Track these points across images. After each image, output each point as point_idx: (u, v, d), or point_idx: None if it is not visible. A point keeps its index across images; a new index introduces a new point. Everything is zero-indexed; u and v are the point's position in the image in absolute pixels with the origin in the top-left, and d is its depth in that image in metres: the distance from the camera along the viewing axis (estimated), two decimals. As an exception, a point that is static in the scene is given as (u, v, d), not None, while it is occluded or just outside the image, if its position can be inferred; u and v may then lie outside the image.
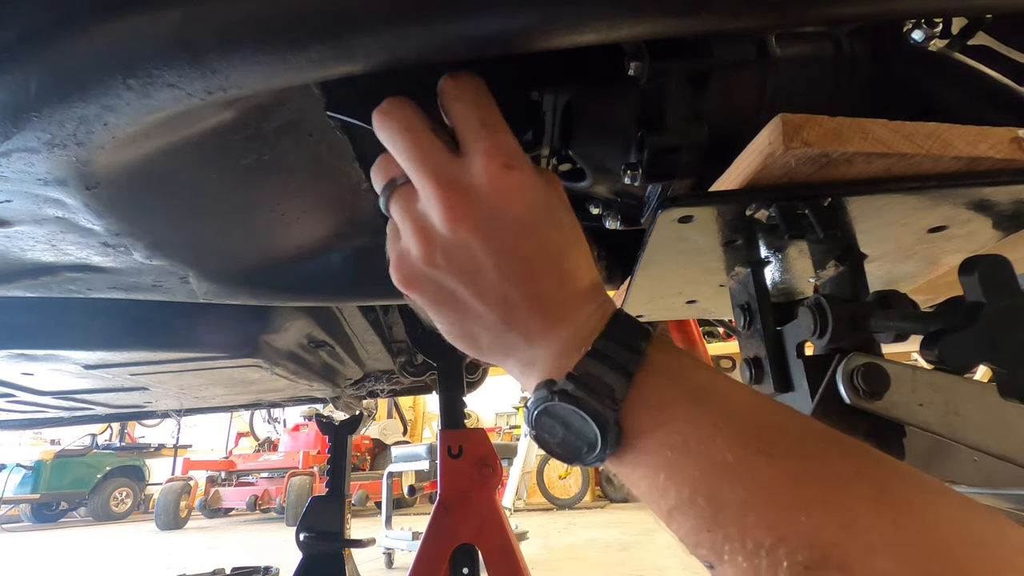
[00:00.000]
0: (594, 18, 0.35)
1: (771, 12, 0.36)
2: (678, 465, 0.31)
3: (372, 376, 1.79)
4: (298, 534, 1.85)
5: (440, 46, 0.36)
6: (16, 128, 0.37)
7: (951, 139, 0.39)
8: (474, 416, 9.25)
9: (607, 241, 0.83)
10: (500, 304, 0.37)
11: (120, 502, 8.51)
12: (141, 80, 0.35)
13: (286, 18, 0.34)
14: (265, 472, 7.70)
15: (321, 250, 0.76)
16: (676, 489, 0.31)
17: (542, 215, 0.38)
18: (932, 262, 0.57)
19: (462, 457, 1.55)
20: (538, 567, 3.46)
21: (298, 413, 7.97)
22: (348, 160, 0.60)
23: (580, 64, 0.53)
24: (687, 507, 0.30)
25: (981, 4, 0.41)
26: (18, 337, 0.90)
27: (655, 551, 3.98)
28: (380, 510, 5.28)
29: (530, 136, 0.57)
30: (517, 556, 1.48)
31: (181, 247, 0.62)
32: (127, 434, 9.32)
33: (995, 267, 0.30)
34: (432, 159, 0.38)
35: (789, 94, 0.53)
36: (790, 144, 0.37)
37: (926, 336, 0.30)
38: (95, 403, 1.52)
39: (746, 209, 0.44)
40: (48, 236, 0.55)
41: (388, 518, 4.72)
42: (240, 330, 1.05)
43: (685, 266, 0.57)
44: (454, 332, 0.40)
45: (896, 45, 0.53)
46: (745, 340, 0.55)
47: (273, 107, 0.49)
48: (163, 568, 4.20)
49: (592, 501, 7.31)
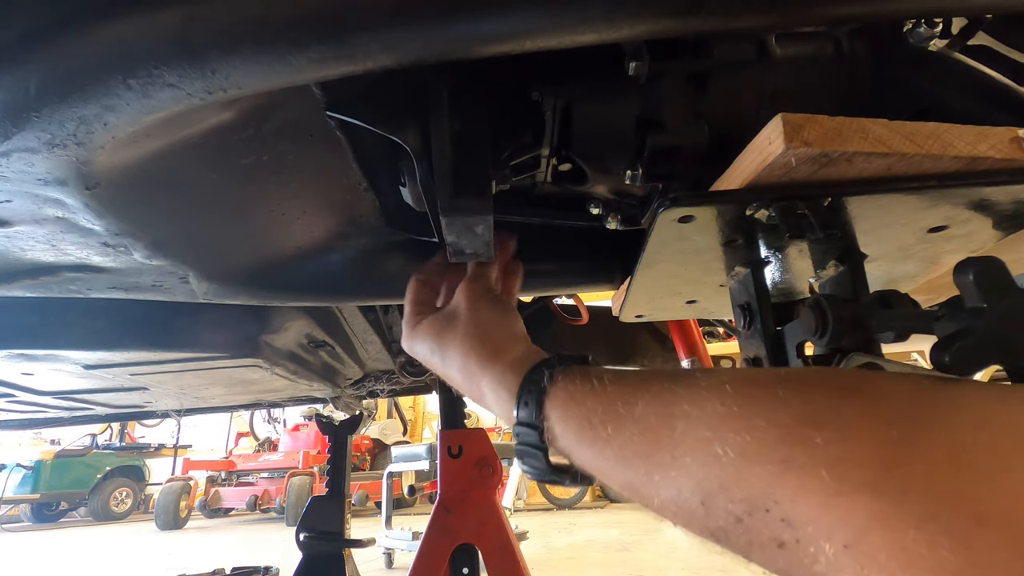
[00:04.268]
0: (594, 18, 0.35)
1: (771, 12, 0.36)
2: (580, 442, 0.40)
3: (372, 376, 1.79)
4: (298, 534, 1.85)
5: (440, 46, 0.36)
6: (16, 128, 0.37)
7: (951, 139, 0.39)
8: (474, 416, 9.24)
9: (607, 241, 0.83)
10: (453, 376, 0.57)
11: (120, 502, 8.50)
12: (141, 80, 0.35)
13: (286, 18, 0.34)
14: (265, 472, 7.69)
15: (321, 250, 0.76)
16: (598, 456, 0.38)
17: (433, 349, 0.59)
18: (932, 262, 0.57)
19: (462, 457, 1.55)
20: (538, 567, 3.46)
21: (298, 413, 7.97)
22: (348, 160, 0.60)
23: (580, 64, 0.53)
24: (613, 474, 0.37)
25: (981, 4, 0.41)
26: (18, 337, 0.90)
27: (655, 551, 3.98)
28: (380, 510, 5.28)
29: (530, 136, 0.57)
30: (517, 556, 1.48)
31: (181, 247, 0.62)
32: (127, 434, 9.31)
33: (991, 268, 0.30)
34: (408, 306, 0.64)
35: (789, 94, 0.53)
36: (790, 144, 0.38)
37: (936, 342, 0.30)
38: (95, 403, 1.52)
39: (746, 209, 0.44)
40: (48, 236, 0.55)
41: (388, 518, 4.72)
42: (240, 330, 1.05)
43: (685, 266, 0.57)
44: None
45: (896, 45, 0.53)
46: (745, 340, 0.55)
47: (273, 107, 0.49)
48: (163, 568, 4.20)
49: (592, 501, 7.31)
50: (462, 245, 0.56)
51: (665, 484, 0.32)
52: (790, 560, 0.26)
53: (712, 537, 0.31)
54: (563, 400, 0.42)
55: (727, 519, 0.29)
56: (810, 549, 0.25)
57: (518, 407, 0.45)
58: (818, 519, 0.25)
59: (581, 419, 0.39)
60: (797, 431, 0.28)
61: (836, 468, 0.25)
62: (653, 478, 0.33)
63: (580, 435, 0.39)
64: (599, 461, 0.38)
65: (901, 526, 0.23)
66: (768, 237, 0.49)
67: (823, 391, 0.30)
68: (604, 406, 0.38)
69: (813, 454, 0.26)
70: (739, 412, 0.30)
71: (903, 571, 0.22)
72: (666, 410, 0.34)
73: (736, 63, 0.51)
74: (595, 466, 0.39)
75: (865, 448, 0.26)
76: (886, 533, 0.23)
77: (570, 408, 0.41)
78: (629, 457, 0.35)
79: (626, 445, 0.35)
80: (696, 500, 0.30)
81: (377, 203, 0.69)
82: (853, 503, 0.24)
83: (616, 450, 0.36)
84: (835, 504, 0.25)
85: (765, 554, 0.28)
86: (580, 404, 0.40)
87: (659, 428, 0.34)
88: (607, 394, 0.39)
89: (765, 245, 0.51)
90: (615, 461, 0.36)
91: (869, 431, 0.26)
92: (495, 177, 0.56)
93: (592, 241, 0.84)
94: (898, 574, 0.22)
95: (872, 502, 0.24)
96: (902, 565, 0.22)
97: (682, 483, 0.31)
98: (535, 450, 0.43)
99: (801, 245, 0.49)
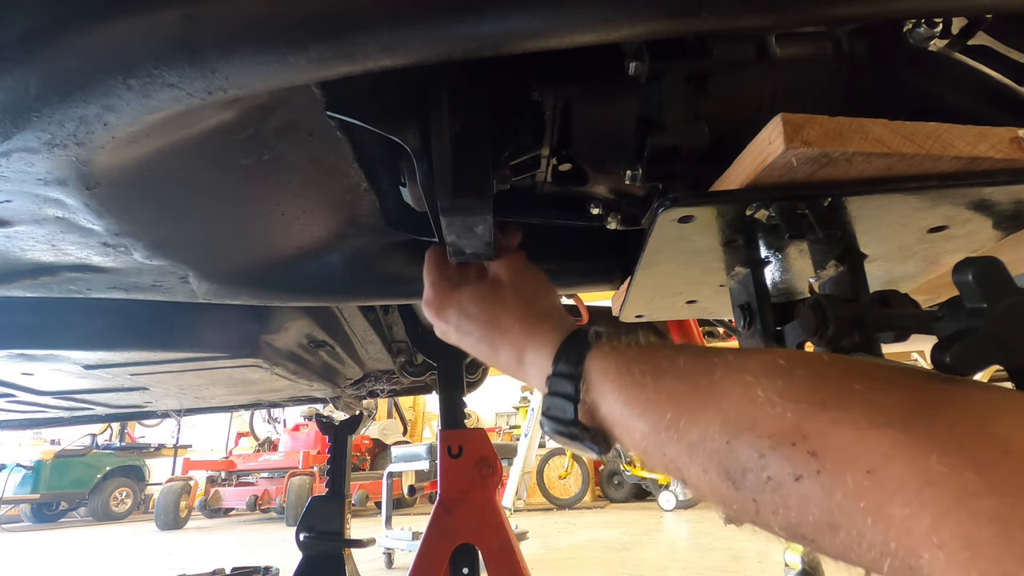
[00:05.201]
0: (594, 18, 0.35)
1: (771, 12, 0.36)
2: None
3: (372, 376, 1.79)
4: (298, 534, 1.85)
5: (440, 46, 0.36)
6: (16, 128, 0.37)
7: (951, 139, 0.39)
8: (474, 416, 9.25)
9: (607, 241, 0.83)
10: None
11: (120, 502, 8.49)
12: (141, 80, 0.35)
13: (286, 18, 0.34)
14: (265, 472, 7.69)
15: (321, 250, 0.76)
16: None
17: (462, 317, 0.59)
18: (932, 262, 0.57)
19: (462, 457, 1.54)
20: (538, 567, 3.46)
21: (298, 413, 7.97)
22: (348, 160, 0.60)
23: (580, 64, 0.53)
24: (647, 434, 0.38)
25: (981, 4, 0.41)
26: (18, 337, 0.90)
27: (655, 551, 3.98)
28: (380, 510, 5.28)
29: (530, 136, 0.57)
30: (517, 556, 1.48)
31: (181, 247, 0.62)
32: (127, 434, 9.31)
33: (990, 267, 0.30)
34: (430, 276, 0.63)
35: (789, 94, 0.53)
36: (790, 144, 0.37)
37: (937, 343, 0.31)
38: (95, 403, 1.52)
39: (746, 209, 0.44)
40: (48, 236, 0.55)
41: (388, 518, 4.72)
42: (240, 330, 1.05)
43: (685, 266, 0.57)
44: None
45: (896, 45, 0.53)
46: (745, 340, 0.55)
47: (273, 107, 0.49)
48: (163, 568, 4.20)
49: (592, 501, 7.31)
50: (462, 245, 0.56)
51: (691, 426, 0.34)
52: (808, 492, 0.27)
53: (727, 482, 0.32)
54: (606, 352, 0.44)
55: (749, 455, 0.30)
56: (832, 479, 0.26)
57: (557, 360, 0.47)
58: (846, 449, 0.26)
59: (621, 367, 0.41)
60: (837, 381, 0.30)
61: (870, 409, 0.27)
62: (679, 422, 0.35)
63: (618, 381, 0.41)
64: (628, 407, 0.39)
65: (925, 452, 0.23)
66: (768, 237, 0.49)
67: (863, 362, 0.32)
68: (647, 356, 0.40)
69: (850, 397, 0.28)
70: (783, 365, 0.32)
71: (922, 490, 0.23)
72: (708, 361, 0.36)
73: (736, 63, 0.51)
74: (621, 413, 0.40)
75: (900, 396, 0.27)
76: (910, 458, 0.24)
77: (612, 359, 0.43)
78: (661, 401, 0.37)
79: (661, 390, 0.37)
80: (722, 439, 0.32)
81: (377, 203, 0.69)
82: (882, 435, 0.25)
83: (650, 394, 0.38)
84: (865, 437, 0.26)
85: (778, 494, 0.29)
86: (622, 354, 0.42)
87: (698, 375, 0.36)
88: (651, 348, 0.41)
89: (765, 245, 0.51)
90: (645, 406, 0.38)
91: (905, 387, 0.28)
92: (495, 177, 0.56)
93: (592, 241, 0.84)
94: (917, 494, 0.23)
95: (900, 434, 0.25)
96: (922, 484, 0.23)
97: (710, 423, 0.33)
98: (566, 401, 0.44)
99: (801, 245, 0.49)
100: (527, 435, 5.54)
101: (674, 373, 0.37)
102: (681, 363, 0.38)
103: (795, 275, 0.56)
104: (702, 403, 0.34)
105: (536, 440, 5.60)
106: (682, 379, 0.37)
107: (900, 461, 0.24)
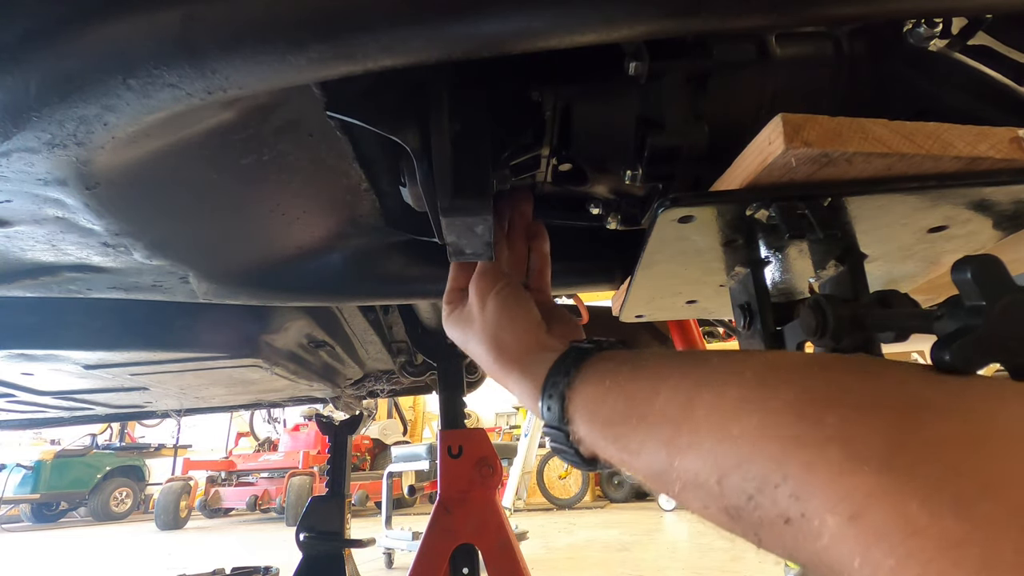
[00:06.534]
0: (594, 18, 0.35)
1: (771, 12, 0.36)
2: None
3: (372, 376, 1.79)
4: (298, 534, 1.85)
5: (440, 46, 0.36)
6: (16, 128, 0.37)
7: (951, 139, 0.39)
8: (474, 416, 9.24)
9: (607, 241, 0.83)
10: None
11: (120, 502, 8.50)
12: (141, 80, 0.35)
13: (286, 18, 0.34)
14: (265, 472, 7.69)
15: (321, 250, 0.76)
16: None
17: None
18: (932, 262, 0.57)
19: (462, 457, 1.54)
20: (538, 567, 3.46)
21: (298, 413, 7.97)
22: (348, 160, 0.60)
23: (580, 64, 0.53)
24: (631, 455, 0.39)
25: (981, 4, 0.41)
26: (18, 337, 0.90)
27: (655, 551, 3.98)
28: (380, 510, 5.28)
29: (530, 136, 0.57)
30: (517, 556, 1.48)
31: (181, 247, 0.62)
32: (127, 434, 9.31)
33: (989, 265, 0.30)
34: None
35: (789, 94, 0.53)
36: (790, 144, 0.37)
37: (937, 341, 0.30)
38: (95, 403, 1.52)
39: (746, 209, 0.44)
40: (48, 236, 0.55)
41: (388, 518, 4.72)
42: (240, 330, 1.05)
43: (685, 266, 0.57)
44: None
45: (896, 45, 0.53)
46: (745, 340, 0.55)
47: (273, 107, 0.49)
48: (163, 568, 4.20)
49: (592, 501, 7.31)
50: (462, 245, 0.56)
51: (684, 467, 0.34)
52: (795, 536, 0.27)
53: (728, 518, 0.31)
54: (584, 402, 0.44)
55: (740, 496, 0.30)
56: (815, 523, 0.25)
57: (543, 410, 0.48)
58: (825, 492, 0.25)
59: (603, 420, 0.42)
60: (810, 411, 0.29)
61: (845, 445, 0.26)
62: (674, 463, 0.34)
63: (604, 432, 0.41)
64: (624, 455, 0.39)
65: (905, 497, 0.23)
66: (768, 237, 0.49)
67: (837, 375, 0.31)
68: (624, 403, 0.40)
69: (824, 432, 0.27)
70: (756, 396, 0.31)
71: (906, 540, 0.22)
72: (686, 399, 0.35)
73: (736, 63, 0.51)
74: (620, 459, 0.40)
75: (874, 427, 0.26)
76: (890, 504, 0.23)
77: (591, 410, 0.43)
78: (651, 446, 0.37)
79: (648, 437, 0.37)
80: (713, 479, 0.31)
81: (377, 203, 0.69)
82: (859, 477, 0.25)
83: (639, 443, 0.38)
84: (842, 478, 0.25)
85: (773, 532, 0.28)
86: (601, 404, 0.42)
87: (680, 418, 0.35)
88: (626, 392, 0.41)
89: (765, 245, 0.51)
90: (639, 452, 0.38)
91: (878, 412, 0.27)
92: (495, 177, 0.56)
93: (592, 241, 0.84)
94: (901, 544, 0.22)
95: (878, 476, 0.24)
96: (905, 534, 0.22)
97: (701, 464, 0.32)
98: (566, 448, 0.46)
99: (801, 245, 0.49)
100: (527, 435, 5.54)
101: (655, 416, 0.37)
102: (660, 403, 0.37)
103: (795, 275, 0.56)
104: (687, 446, 0.34)
105: (536, 440, 5.60)
106: (665, 423, 0.36)
107: (881, 509, 0.23)
